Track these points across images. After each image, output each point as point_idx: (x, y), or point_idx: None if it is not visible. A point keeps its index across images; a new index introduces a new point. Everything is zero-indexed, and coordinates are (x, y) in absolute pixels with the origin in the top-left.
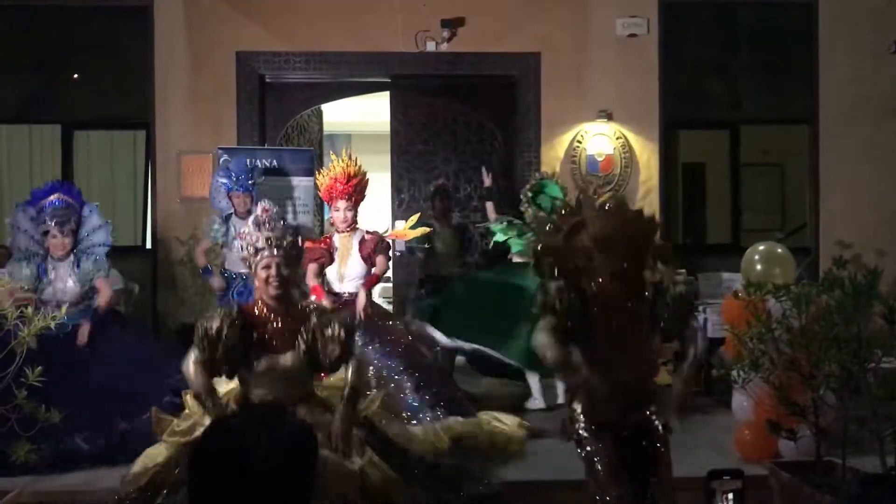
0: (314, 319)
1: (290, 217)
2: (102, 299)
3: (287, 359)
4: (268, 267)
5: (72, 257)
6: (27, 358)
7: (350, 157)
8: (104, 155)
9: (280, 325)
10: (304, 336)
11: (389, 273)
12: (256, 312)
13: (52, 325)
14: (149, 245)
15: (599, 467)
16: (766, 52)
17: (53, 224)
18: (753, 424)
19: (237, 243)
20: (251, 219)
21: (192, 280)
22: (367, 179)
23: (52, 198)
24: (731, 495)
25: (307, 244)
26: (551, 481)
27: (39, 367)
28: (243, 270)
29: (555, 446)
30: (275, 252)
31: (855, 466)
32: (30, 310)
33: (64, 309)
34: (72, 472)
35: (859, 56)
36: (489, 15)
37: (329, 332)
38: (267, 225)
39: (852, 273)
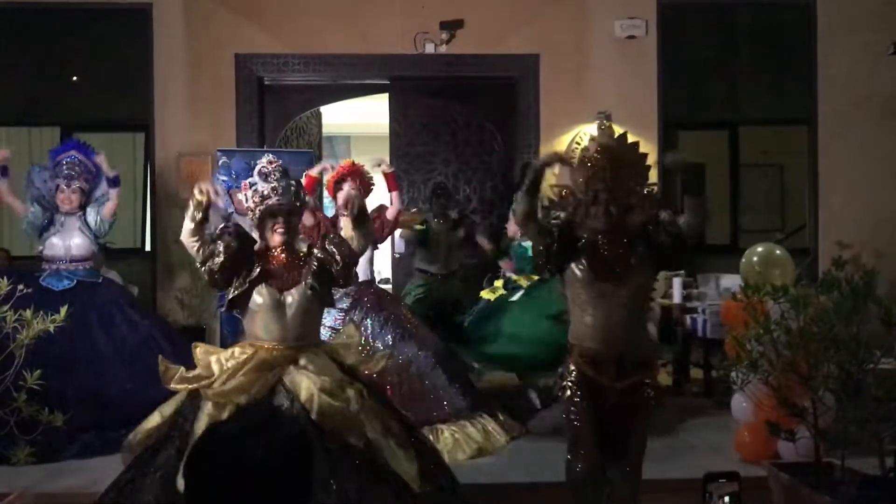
0: (316, 250)
1: None
2: (109, 209)
3: (292, 295)
4: (273, 215)
5: (80, 214)
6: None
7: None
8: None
9: (284, 266)
10: (313, 264)
11: (389, 274)
12: (266, 257)
13: (52, 329)
14: (148, 247)
15: (576, 424)
16: (765, 52)
17: (63, 178)
18: (753, 426)
19: (241, 195)
20: (256, 169)
21: (191, 282)
22: (372, 180)
23: (65, 154)
24: (727, 498)
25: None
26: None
27: (38, 371)
28: None
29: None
30: (282, 198)
31: (854, 467)
32: (28, 312)
33: (64, 311)
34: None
35: (858, 56)
36: (488, 17)
37: (331, 242)
38: (273, 176)
39: (850, 274)
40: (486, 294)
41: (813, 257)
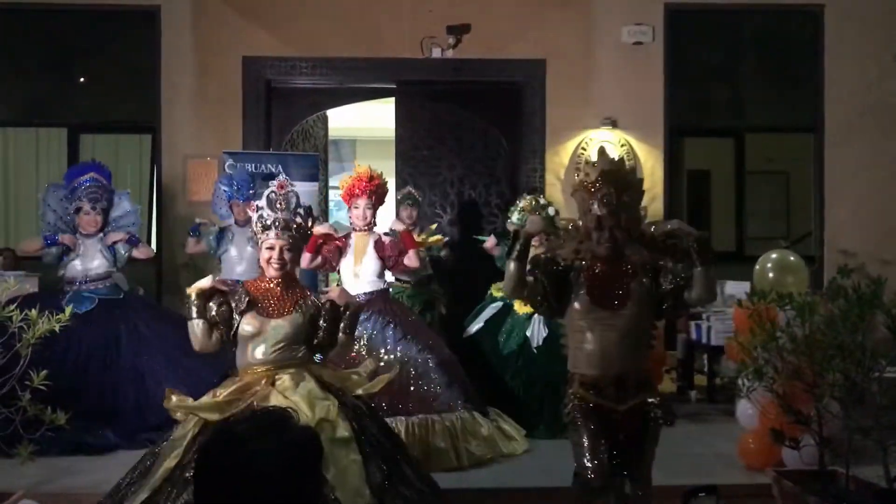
0: (313, 298)
1: None
2: (143, 254)
3: (280, 324)
4: (272, 248)
5: (100, 236)
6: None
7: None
8: (110, 158)
9: (277, 296)
10: (303, 307)
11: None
12: (257, 284)
13: (57, 328)
14: (154, 249)
15: (584, 444)
16: (771, 59)
17: (86, 201)
18: (757, 433)
19: (233, 252)
20: (266, 192)
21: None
22: (387, 188)
23: (86, 176)
24: None
25: (320, 230)
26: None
27: (45, 371)
28: (235, 278)
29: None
30: (281, 234)
31: (859, 476)
32: (34, 312)
33: (69, 311)
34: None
35: (866, 64)
36: (495, 21)
37: (326, 309)
38: (279, 205)
39: (856, 282)
40: (496, 291)
41: (818, 265)
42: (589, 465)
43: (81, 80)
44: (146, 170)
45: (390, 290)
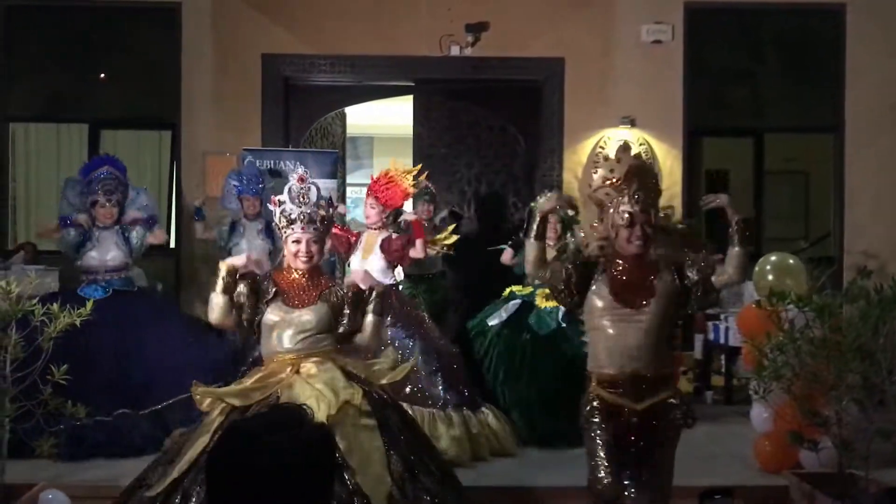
0: (337, 286)
1: None
2: (157, 239)
3: (305, 314)
4: (298, 241)
5: (117, 228)
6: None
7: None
8: (131, 154)
9: (302, 287)
10: (327, 297)
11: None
12: (283, 275)
13: (78, 323)
14: (173, 244)
15: (599, 455)
16: (792, 59)
17: (101, 193)
18: (773, 435)
19: (243, 245)
20: (287, 187)
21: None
22: (408, 192)
23: (101, 170)
24: None
25: (335, 231)
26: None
27: (65, 365)
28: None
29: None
30: (307, 227)
31: (878, 479)
32: (55, 306)
33: (90, 304)
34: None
35: (887, 63)
36: (513, 20)
37: (350, 294)
38: (301, 199)
39: (877, 284)
40: (517, 289)
41: (837, 266)
42: (603, 477)
43: (102, 76)
44: (166, 166)
45: (399, 287)
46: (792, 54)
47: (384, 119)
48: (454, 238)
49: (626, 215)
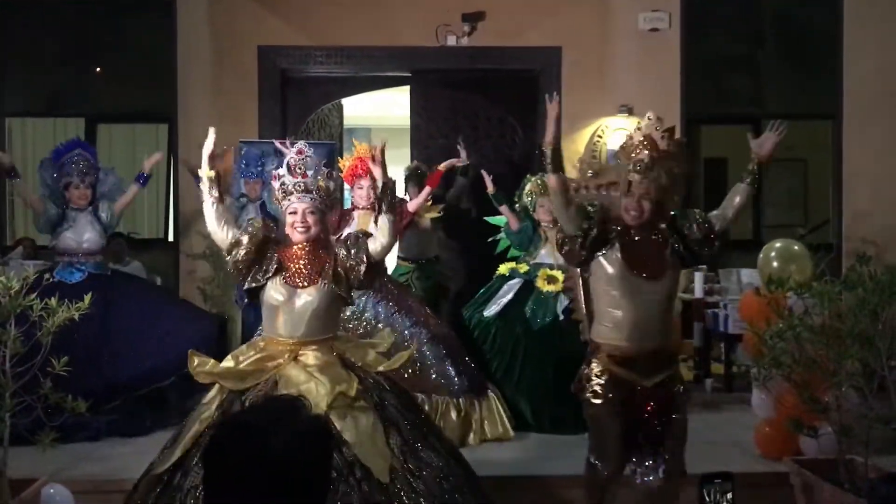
0: (337, 249)
1: None
2: (131, 194)
3: (309, 293)
4: (294, 213)
5: (90, 209)
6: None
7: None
8: (127, 148)
9: (304, 264)
10: (331, 266)
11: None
12: (286, 252)
13: (76, 316)
14: (171, 238)
15: (604, 428)
16: (789, 45)
17: (75, 174)
18: (773, 422)
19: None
20: (285, 160)
21: (213, 272)
22: (366, 155)
23: (73, 153)
24: (729, 495)
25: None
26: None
27: (65, 357)
28: None
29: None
30: (302, 197)
31: (878, 464)
32: (53, 301)
33: (88, 298)
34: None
35: (885, 50)
36: (510, 9)
37: (350, 244)
38: (298, 170)
39: (875, 270)
40: (504, 270)
41: (836, 253)
42: (608, 461)
43: (98, 70)
44: (163, 159)
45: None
46: (789, 41)
47: (382, 110)
48: (438, 209)
49: (626, 182)
